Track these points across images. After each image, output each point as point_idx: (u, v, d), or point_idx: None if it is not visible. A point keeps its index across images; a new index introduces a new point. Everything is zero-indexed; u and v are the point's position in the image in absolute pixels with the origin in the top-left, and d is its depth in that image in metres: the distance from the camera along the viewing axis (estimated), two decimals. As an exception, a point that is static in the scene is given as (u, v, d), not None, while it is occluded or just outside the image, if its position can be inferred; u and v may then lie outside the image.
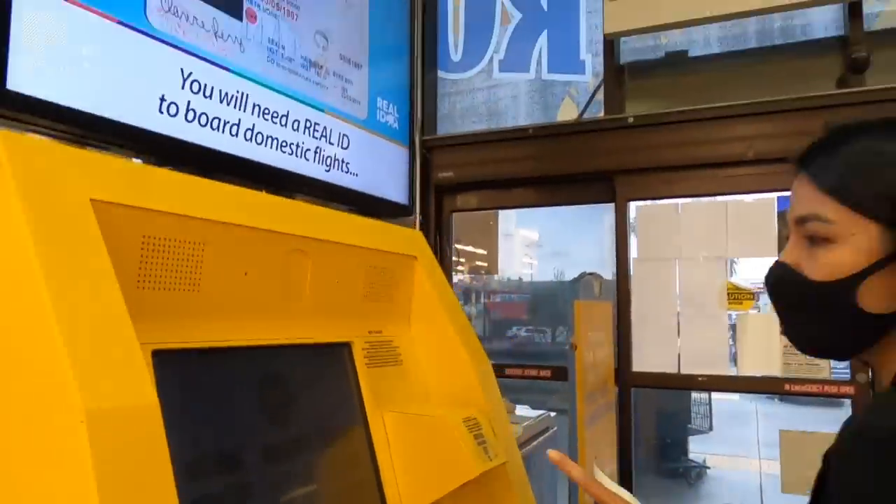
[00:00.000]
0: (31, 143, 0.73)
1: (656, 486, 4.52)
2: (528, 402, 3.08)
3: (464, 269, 5.75)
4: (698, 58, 2.86)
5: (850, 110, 2.48)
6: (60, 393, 0.62)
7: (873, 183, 0.75)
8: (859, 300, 0.75)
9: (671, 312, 2.75)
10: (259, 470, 0.92)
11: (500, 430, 1.16)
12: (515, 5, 3.08)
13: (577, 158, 2.86)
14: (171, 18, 0.93)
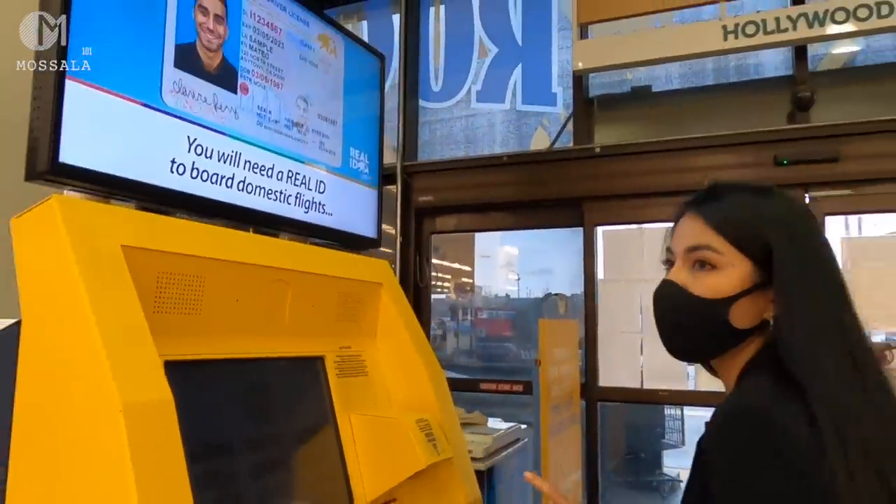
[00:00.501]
0: (77, 203, 1.00)
1: (631, 499, 4.77)
2: (502, 416, 3.32)
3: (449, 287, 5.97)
4: (661, 93, 3.15)
5: (796, 144, 2.77)
6: (103, 390, 0.88)
7: (751, 229, 0.94)
8: (731, 317, 0.94)
9: (635, 330, 3.02)
10: (246, 459, 1.18)
11: (449, 431, 1.42)
12: (492, 40, 3.37)
13: (548, 185, 3.14)
14: (180, 97, 1.20)
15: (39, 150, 1.01)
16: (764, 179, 2.76)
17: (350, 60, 1.66)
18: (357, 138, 1.63)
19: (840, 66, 2.93)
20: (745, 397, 0.90)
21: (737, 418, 0.86)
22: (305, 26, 1.51)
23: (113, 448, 0.86)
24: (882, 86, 2.86)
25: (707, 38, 2.81)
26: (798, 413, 0.83)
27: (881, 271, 2.71)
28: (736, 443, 0.84)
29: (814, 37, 2.69)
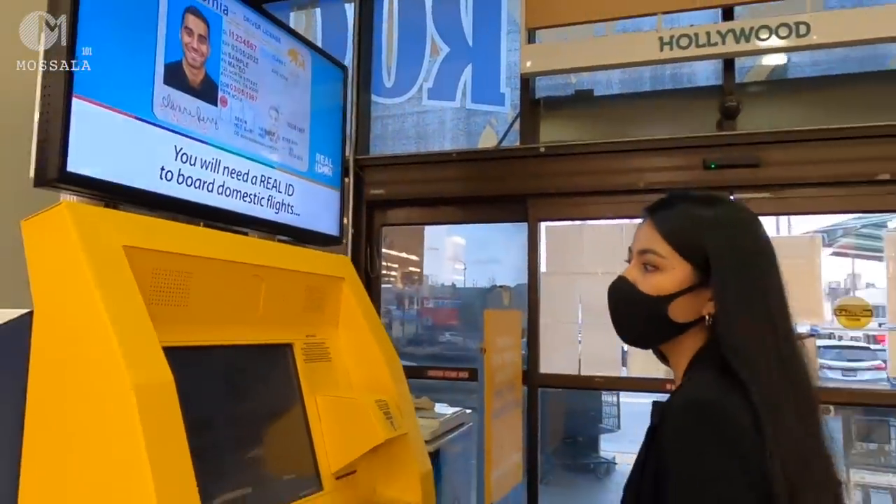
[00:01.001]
0: (84, 209, 1.16)
1: (569, 481, 5.11)
2: (449, 401, 3.55)
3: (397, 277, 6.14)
4: (602, 96, 3.41)
5: (723, 150, 3.07)
6: (115, 372, 1.05)
7: (691, 237, 1.09)
8: (669, 312, 1.09)
9: (573, 321, 3.29)
10: (225, 434, 1.37)
11: (404, 410, 1.64)
12: (444, 39, 3.57)
13: (495, 182, 3.36)
14: (169, 111, 1.35)
15: (49, 161, 1.16)
16: (693, 182, 3.07)
17: (316, 72, 1.84)
18: (322, 144, 1.82)
19: (765, 77, 3.25)
20: (696, 390, 1.04)
21: (690, 409, 0.99)
22: (277, 42, 1.68)
23: (126, 423, 1.03)
24: (802, 97, 3.20)
25: (645, 49, 3.08)
26: (740, 403, 0.97)
27: (798, 268, 3.06)
28: (689, 430, 0.97)
29: (740, 51, 2.99)
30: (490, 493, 2.74)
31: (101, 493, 1.05)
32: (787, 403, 0.99)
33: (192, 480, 1.07)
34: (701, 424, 0.97)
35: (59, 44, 1.16)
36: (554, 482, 4.36)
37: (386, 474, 1.65)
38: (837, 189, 2.99)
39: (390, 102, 3.63)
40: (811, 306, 3.01)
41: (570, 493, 4.53)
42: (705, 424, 0.96)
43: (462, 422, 3.30)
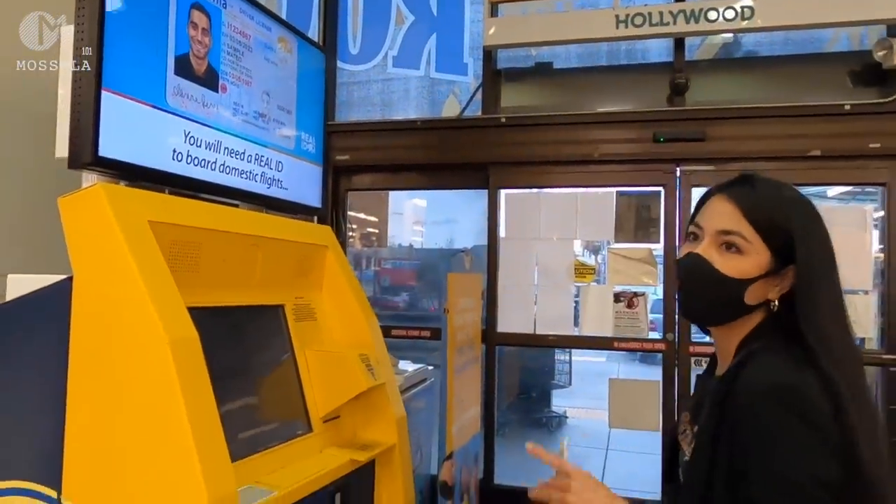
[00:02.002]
0: (116, 189, 1.38)
1: (521, 434, 5.54)
2: (411, 359, 3.84)
3: (357, 237, 6.33)
4: (561, 69, 3.68)
5: (671, 124, 3.37)
6: (153, 330, 1.29)
7: (778, 223, 1.13)
8: (745, 295, 1.14)
9: (530, 283, 3.60)
10: (229, 382, 1.63)
11: (382, 363, 1.92)
12: (409, 8, 3.76)
13: (457, 150, 3.61)
14: (179, 98, 1.55)
15: (83, 146, 1.37)
16: (644, 154, 3.38)
17: (302, 57, 2.05)
18: (306, 123, 2.04)
19: (713, 55, 3.56)
20: (774, 373, 1.07)
21: (773, 393, 1.04)
22: (268, 31, 1.89)
23: (163, 372, 1.28)
24: (747, 75, 3.52)
25: (602, 26, 3.35)
26: (814, 383, 1.03)
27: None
28: (777, 412, 1.02)
29: (689, 31, 3.29)
30: (451, 443, 3.05)
31: (142, 433, 1.29)
32: (862, 385, 1.08)
33: (217, 421, 1.33)
34: (787, 408, 1.02)
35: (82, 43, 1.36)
36: (509, 434, 4.75)
37: (366, 419, 1.94)
38: (775, 163, 3.33)
39: (356, 69, 3.82)
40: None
41: (522, 443, 4.92)
42: (791, 408, 1.02)
43: (424, 377, 3.60)
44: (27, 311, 1.41)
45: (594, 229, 3.56)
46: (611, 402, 3.50)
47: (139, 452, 1.29)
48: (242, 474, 1.51)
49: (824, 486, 0.98)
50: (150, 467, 1.28)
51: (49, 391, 1.36)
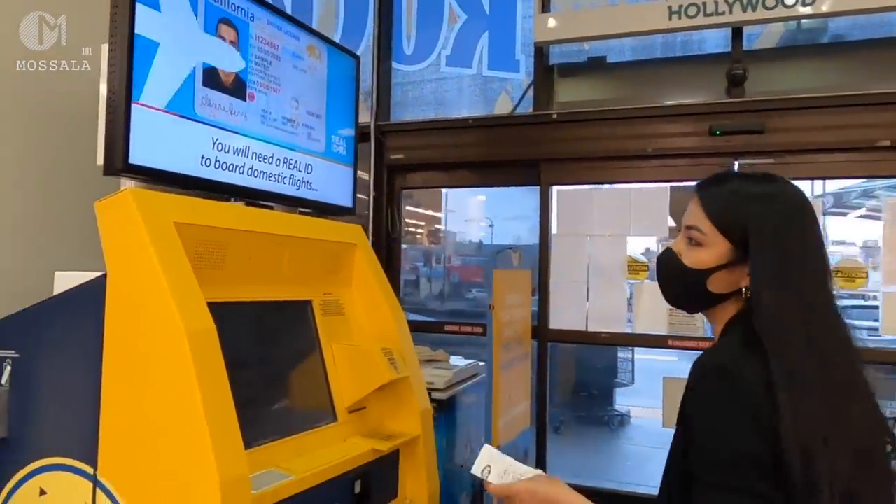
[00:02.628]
0: (144, 193, 1.52)
1: (582, 432, 5.51)
2: (465, 354, 3.91)
3: (423, 234, 6.44)
4: (615, 63, 3.65)
5: (728, 116, 3.29)
6: (173, 322, 1.41)
7: (732, 215, 1.20)
8: (708, 284, 1.22)
9: (582, 280, 3.60)
10: (258, 373, 1.75)
11: (406, 357, 2.00)
12: (462, 7, 3.82)
13: (509, 147, 3.65)
14: (206, 107, 1.68)
15: (116, 154, 1.52)
16: (701, 148, 3.32)
17: (332, 63, 2.16)
18: (337, 126, 2.15)
19: (774, 44, 3.45)
20: (717, 354, 1.18)
21: (709, 371, 1.13)
22: (297, 41, 2.00)
23: (181, 360, 1.40)
24: (809, 64, 3.40)
25: (654, 18, 3.30)
26: (759, 370, 1.07)
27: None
28: (707, 390, 1.12)
29: (746, 20, 3.19)
30: (497, 436, 3.10)
31: (163, 416, 1.42)
32: (811, 378, 1.07)
33: (231, 408, 1.44)
34: (718, 384, 1.10)
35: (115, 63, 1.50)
36: (568, 432, 4.75)
37: (391, 411, 2.02)
38: (839, 155, 3.19)
39: (410, 70, 3.92)
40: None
41: (582, 442, 4.92)
42: (721, 384, 1.10)
43: (475, 373, 3.66)
44: (69, 305, 1.57)
45: (648, 225, 3.52)
46: (665, 401, 3.46)
47: (161, 434, 1.42)
48: (264, 458, 1.62)
49: (748, 459, 1.04)
50: (170, 448, 1.41)
51: (87, 377, 1.51)
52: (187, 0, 1.66)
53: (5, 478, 1.60)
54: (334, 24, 4.02)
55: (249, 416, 1.67)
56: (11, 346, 1.63)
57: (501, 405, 3.15)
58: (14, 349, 1.63)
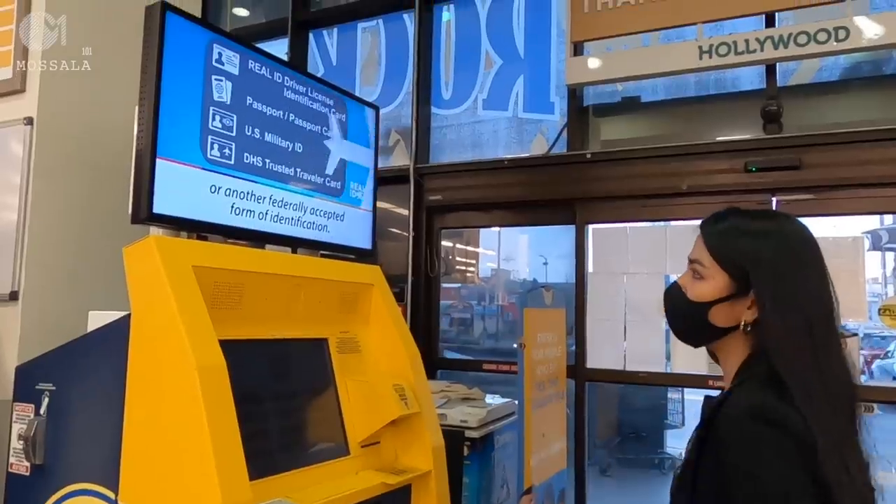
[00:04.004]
0: (165, 240, 1.68)
1: (630, 475, 5.39)
2: (505, 393, 3.94)
3: (475, 272, 6.49)
4: (648, 102, 3.70)
5: (764, 153, 3.28)
6: (185, 358, 1.55)
7: (730, 249, 1.25)
8: (710, 317, 1.26)
9: (619, 318, 3.61)
10: (272, 408, 1.87)
11: (419, 394, 2.08)
12: (497, 53, 3.96)
13: (545, 187, 3.72)
14: (223, 160, 1.90)
15: (142, 205, 1.70)
16: (736, 185, 3.31)
17: (351, 115, 2.32)
18: (356, 174, 2.30)
19: (808, 80, 3.43)
20: (751, 396, 1.15)
21: (748, 416, 1.11)
22: (319, 95, 2.18)
23: (191, 393, 1.53)
24: (846, 98, 3.36)
25: (685, 57, 3.35)
26: (796, 415, 1.08)
27: (840, 268, 3.24)
28: (753, 437, 1.09)
29: (778, 57, 3.20)
30: (529, 476, 3.12)
31: (176, 446, 1.54)
32: (826, 405, 1.11)
33: (238, 439, 1.56)
34: (761, 429, 1.09)
35: (142, 124, 1.68)
36: (616, 475, 4.66)
37: (404, 446, 2.11)
38: (879, 190, 3.14)
39: (448, 113, 4.07)
40: (854, 305, 3.18)
41: (631, 485, 4.82)
42: (765, 428, 1.08)
43: (512, 411, 3.69)
44: (98, 342, 1.73)
45: (684, 263, 3.50)
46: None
47: (172, 463, 1.55)
48: (274, 489, 1.73)
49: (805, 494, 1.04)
50: (179, 476, 1.53)
51: (112, 408, 1.65)
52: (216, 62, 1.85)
53: (40, 502, 1.76)
54: (377, 72, 4.23)
55: (262, 448, 1.78)
56: (49, 379, 1.80)
57: (534, 444, 3.18)
58: (52, 382, 1.80)
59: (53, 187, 2.26)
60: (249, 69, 1.97)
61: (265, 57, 2.03)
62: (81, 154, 2.30)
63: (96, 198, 2.31)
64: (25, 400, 1.84)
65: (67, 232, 2.30)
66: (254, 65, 1.99)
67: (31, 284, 2.18)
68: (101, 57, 2.28)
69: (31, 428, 1.79)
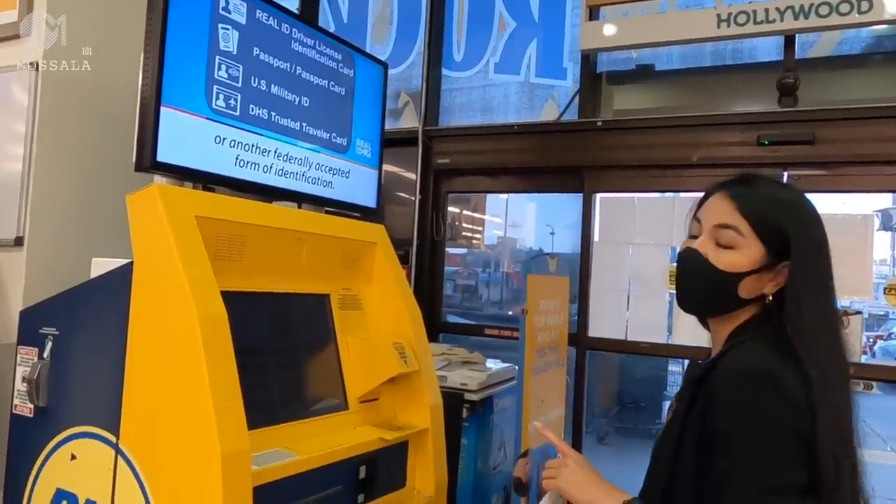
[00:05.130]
0: (168, 189, 1.68)
1: (627, 444, 5.44)
2: (506, 359, 3.97)
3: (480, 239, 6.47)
4: (662, 71, 3.65)
5: (778, 126, 3.24)
6: (187, 307, 1.55)
7: (773, 219, 1.19)
8: (739, 288, 1.19)
9: (623, 288, 3.61)
10: (272, 360, 1.88)
11: (419, 353, 2.10)
12: (511, 15, 3.90)
13: (553, 154, 3.70)
14: (230, 111, 1.88)
15: (145, 153, 1.69)
16: (748, 158, 3.28)
17: (360, 71, 2.30)
18: (363, 131, 2.28)
19: (827, 53, 3.37)
20: (752, 359, 1.14)
21: (749, 377, 1.10)
22: (330, 50, 2.16)
23: (192, 343, 1.54)
24: (861, 74, 3.31)
25: (703, 25, 3.30)
26: (794, 374, 1.08)
27: (849, 246, 3.21)
28: (747, 397, 1.08)
29: (798, 28, 3.15)
30: (527, 441, 3.15)
31: (176, 394, 1.56)
32: (838, 384, 1.12)
33: (237, 388, 1.57)
34: (759, 391, 1.08)
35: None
36: (613, 444, 4.71)
37: (403, 404, 2.13)
38: (893, 168, 3.10)
39: (459, 76, 4.02)
40: (860, 284, 3.17)
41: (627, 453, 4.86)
42: (763, 391, 1.08)
43: (512, 376, 3.72)
44: (101, 289, 1.75)
45: (692, 234, 3.49)
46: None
47: (173, 409, 1.56)
48: (272, 439, 1.75)
49: (791, 468, 1.05)
50: (179, 422, 1.55)
51: (114, 354, 1.67)
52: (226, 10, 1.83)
53: (43, 443, 1.79)
54: (388, 31, 4.18)
55: (261, 399, 1.80)
56: (53, 324, 1.82)
57: (532, 409, 3.21)
58: (55, 327, 1.82)
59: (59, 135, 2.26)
60: (257, 19, 1.95)
61: (273, 7, 2.01)
62: (88, 101, 2.29)
63: (104, 145, 2.31)
64: (29, 343, 1.86)
65: (73, 180, 2.30)
66: (262, 14, 1.96)
67: (36, 230, 2.19)
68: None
69: (34, 371, 1.81)
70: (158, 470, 1.59)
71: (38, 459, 1.80)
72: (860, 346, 3.33)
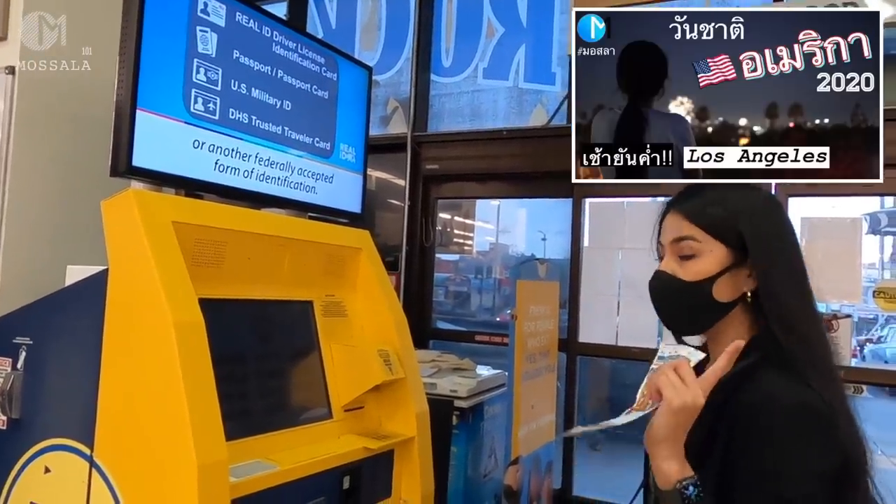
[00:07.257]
0: (144, 194, 1.63)
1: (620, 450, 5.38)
2: (496, 365, 3.91)
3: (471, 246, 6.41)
4: (651, 75, 3.61)
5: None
6: (162, 314, 1.50)
7: (722, 218, 1.19)
8: (714, 293, 1.18)
9: (613, 293, 3.57)
10: (253, 369, 1.83)
11: (404, 360, 2.05)
12: (499, 20, 3.87)
13: (542, 159, 3.65)
14: (209, 115, 1.83)
15: (120, 157, 1.64)
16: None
17: (344, 75, 2.26)
18: (347, 135, 2.24)
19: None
20: (790, 391, 1.09)
21: (799, 413, 1.06)
22: (311, 53, 2.12)
23: (167, 350, 1.49)
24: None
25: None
26: (822, 400, 1.06)
27: (835, 249, 3.18)
28: (799, 432, 1.04)
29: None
30: (517, 448, 3.10)
31: (152, 403, 1.50)
32: (834, 379, 1.13)
33: (214, 397, 1.52)
34: (812, 429, 1.05)
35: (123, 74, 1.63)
36: (605, 450, 4.66)
37: (388, 412, 2.07)
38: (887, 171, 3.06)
39: (448, 81, 3.99)
40: (849, 287, 3.13)
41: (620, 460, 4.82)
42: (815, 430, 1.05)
43: (502, 383, 3.67)
44: (75, 297, 1.69)
45: (681, 240, 3.46)
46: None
47: (148, 420, 1.51)
48: (252, 450, 1.70)
49: None
50: (155, 433, 1.50)
51: (89, 363, 1.61)
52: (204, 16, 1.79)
53: (16, 456, 1.73)
54: (376, 37, 4.14)
55: (242, 408, 1.75)
56: (27, 333, 1.76)
57: (523, 415, 3.16)
58: (29, 336, 1.76)
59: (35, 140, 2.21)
60: (237, 21, 1.91)
61: (254, 10, 1.97)
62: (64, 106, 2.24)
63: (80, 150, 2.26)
64: (2, 354, 1.80)
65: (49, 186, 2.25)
66: (241, 17, 1.92)
67: (11, 237, 2.13)
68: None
69: (7, 382, 1.75)
70: (133, 482, 1.54)
71: (12, 473, 1.74)
72: (850, 349, 3.29)
